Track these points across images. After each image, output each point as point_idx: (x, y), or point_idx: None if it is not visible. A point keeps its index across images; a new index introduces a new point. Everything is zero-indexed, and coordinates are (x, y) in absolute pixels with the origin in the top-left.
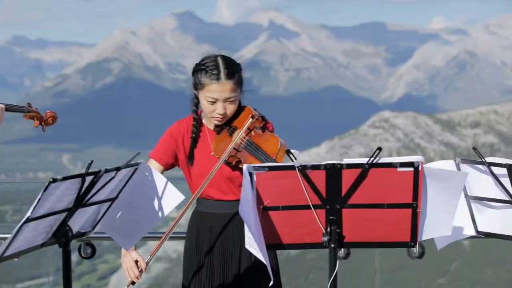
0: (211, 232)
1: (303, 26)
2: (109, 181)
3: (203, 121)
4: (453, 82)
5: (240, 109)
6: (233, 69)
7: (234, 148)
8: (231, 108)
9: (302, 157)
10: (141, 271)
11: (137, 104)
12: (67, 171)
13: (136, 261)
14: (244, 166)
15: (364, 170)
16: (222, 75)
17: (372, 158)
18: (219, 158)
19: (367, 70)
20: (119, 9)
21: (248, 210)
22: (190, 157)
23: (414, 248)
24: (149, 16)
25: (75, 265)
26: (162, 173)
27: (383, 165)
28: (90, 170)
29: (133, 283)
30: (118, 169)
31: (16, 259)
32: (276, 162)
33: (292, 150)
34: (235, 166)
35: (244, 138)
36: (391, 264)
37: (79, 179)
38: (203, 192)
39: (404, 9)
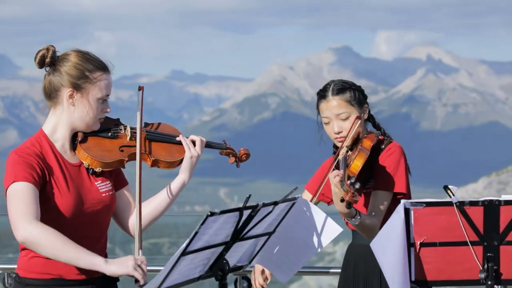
0: (354, 264)
1: (461, 61)
2: (266, 216)
3: None
4: None
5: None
6: (342, 87)
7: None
8: (346, 126)
9: (460, 193)
10: (265, 280)
11: (294, 139)
12: (224, 205)
13: (262, 271)
14: (402, 202)
15: None
16: (329, 92)
17: None
18: None
19: None
20: (276, 44)
21: (390, 246)
22: None
23: None
24: (306, 51)
25: None
26: (315, 204)
27: None
28: (247, 204)
29: None
30: (275, 203)
31: None
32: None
33: (450, 186)
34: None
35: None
36: None
37: (236, 213)
38: None
39: None
